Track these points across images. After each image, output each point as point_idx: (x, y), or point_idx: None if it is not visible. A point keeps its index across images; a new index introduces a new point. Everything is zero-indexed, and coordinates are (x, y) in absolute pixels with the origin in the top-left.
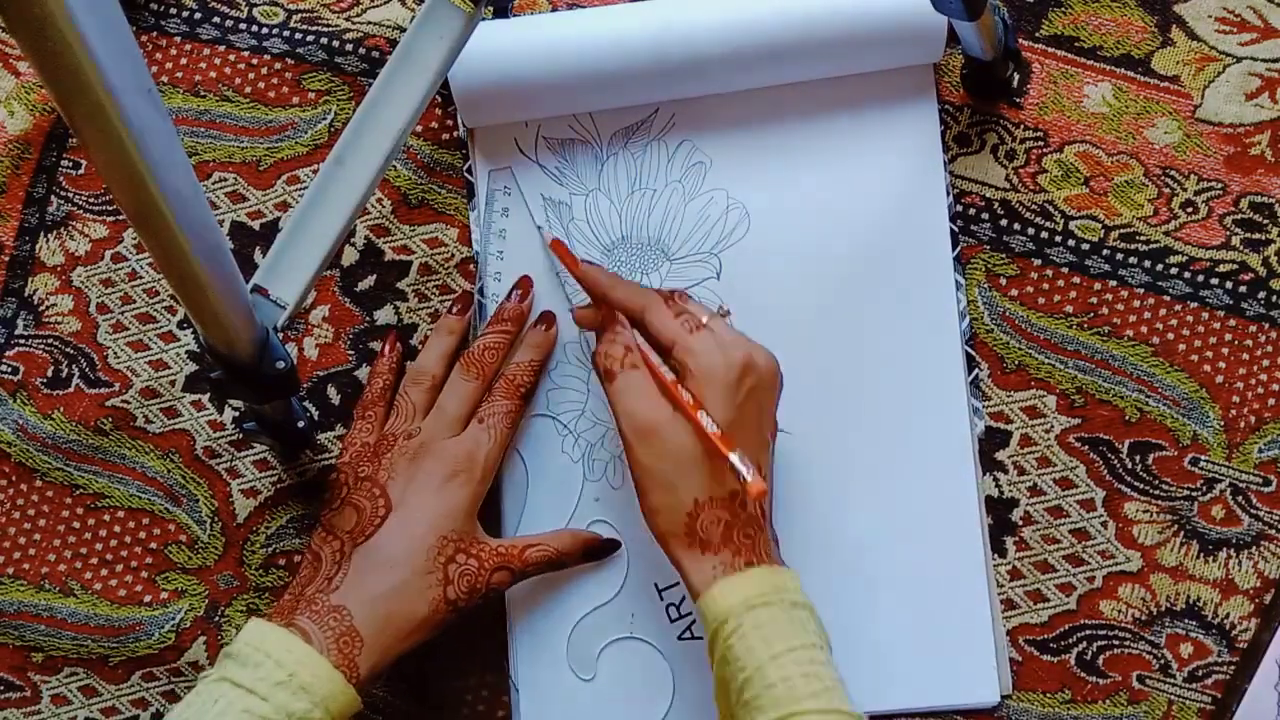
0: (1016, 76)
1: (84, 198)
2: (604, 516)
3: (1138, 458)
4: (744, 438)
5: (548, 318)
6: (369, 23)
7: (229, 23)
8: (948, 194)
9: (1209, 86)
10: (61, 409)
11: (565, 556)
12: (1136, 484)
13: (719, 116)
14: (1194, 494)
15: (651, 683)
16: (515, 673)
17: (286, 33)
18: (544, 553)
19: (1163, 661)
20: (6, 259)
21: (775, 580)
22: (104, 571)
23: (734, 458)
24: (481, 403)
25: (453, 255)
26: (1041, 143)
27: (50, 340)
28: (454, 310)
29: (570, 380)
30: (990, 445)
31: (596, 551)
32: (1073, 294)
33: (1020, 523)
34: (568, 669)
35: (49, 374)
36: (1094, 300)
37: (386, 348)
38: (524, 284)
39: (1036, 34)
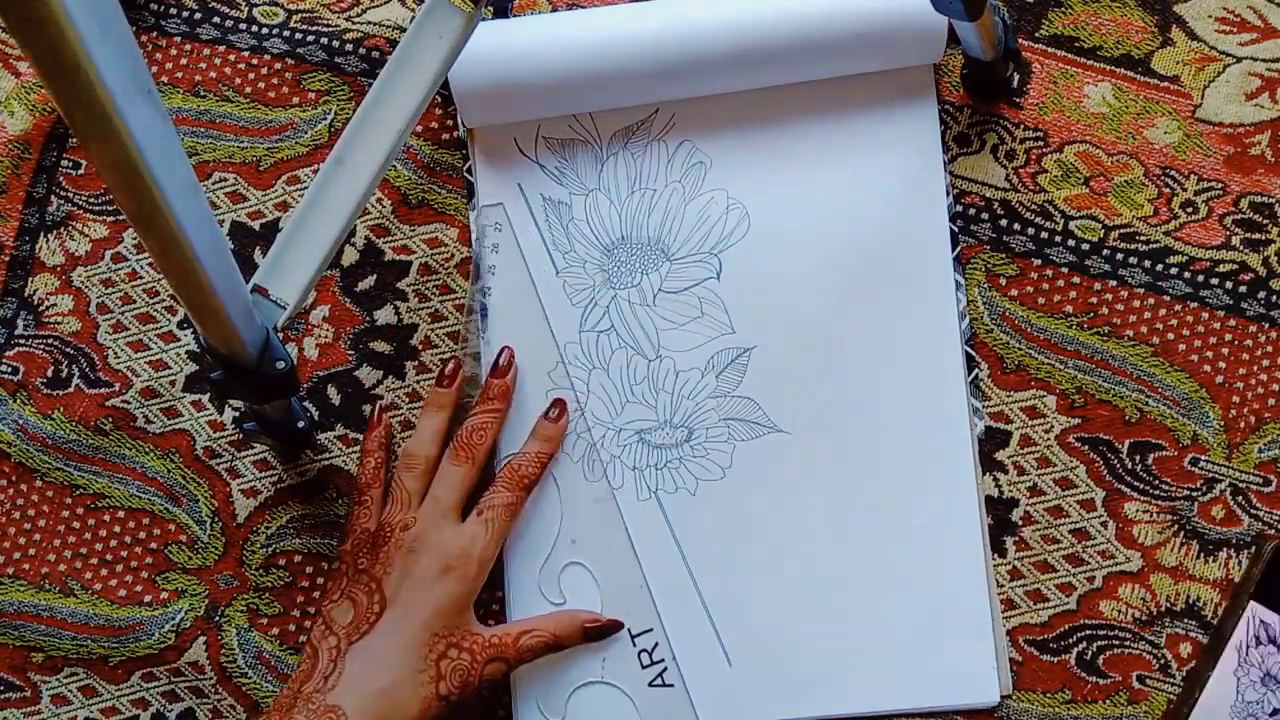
0: (1016, 76)
1: (84, 198)
2: (580, 559)
3: (1138, 458)
4: None
5: (560, 406)
6: (369, 23)
7: (229, 23)
8: (948, 194)
9: (1209, 86)
10: (61, 409)
11: (563, 640)
12: (1136, 484)
13: (719, 116)
14: (1194, 494)
15: None
16: None
17: (286, 33)
18: (539, 639)
19: (1163, 661)
20: (6, 259)
21: None
22: (104, 571)
23: None
24: (477, 486)
25: (453, 255)
26: (1041, 143)
27: (50, 340)
28: (442, 381)
29: (570, 381)
30: (990, 445)
31: (597, 633)
32: (1073, 294)
33: (1020, 523)
34: (536, 711)
35: (49, 374)
36: (1094, 300)
37: (374, 420)
38: (506, 357)
39: (1036, 34)
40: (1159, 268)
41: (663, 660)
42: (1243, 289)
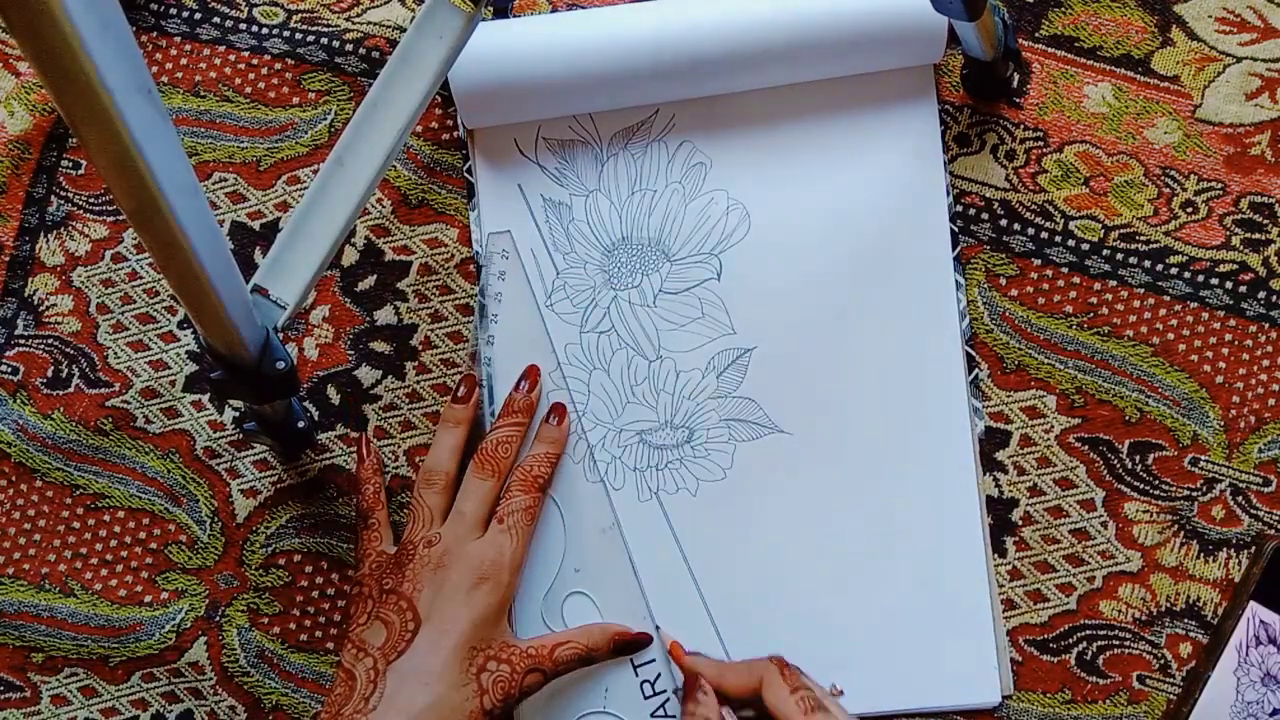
0: (1016, 76)
1: (84, 198)
2: (583, 588)
3: (1138, 458)
4: None
5: (559, 411)
6: (369, 23)
7: (229, 23)
8: (948, 194)
9: (1209, 86)
10: (61, 409)
11: (595, 652)
12: (1136, 484)
13: (719, 117)
14: (1194, 494)
15: None
16: None
17: (286, 33)
18: (574, 650)
19: (1163, 661)
20: (6, 259)
21: None
22: (104, 571)
23: None
24: (499, 499)
25: (453, 255)
26: (1041, 143)
27: (50, 340)
28: (458, 397)
29: (570, 382)
30: (990, 445)
31: (628, 646)
32: (1073, 294)
33: (1020, 523)
34: None
35: (49, 374)
36: (1094, 300)
37: (363, 452)
38: (531, 374)
39: (1036, 34)
40: (1159, 268)
41: (665, 691)
42: (1243, 289)
